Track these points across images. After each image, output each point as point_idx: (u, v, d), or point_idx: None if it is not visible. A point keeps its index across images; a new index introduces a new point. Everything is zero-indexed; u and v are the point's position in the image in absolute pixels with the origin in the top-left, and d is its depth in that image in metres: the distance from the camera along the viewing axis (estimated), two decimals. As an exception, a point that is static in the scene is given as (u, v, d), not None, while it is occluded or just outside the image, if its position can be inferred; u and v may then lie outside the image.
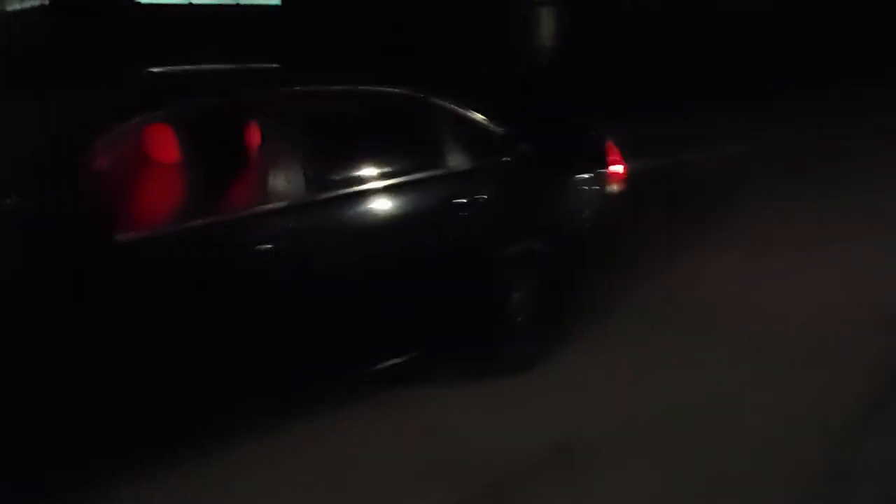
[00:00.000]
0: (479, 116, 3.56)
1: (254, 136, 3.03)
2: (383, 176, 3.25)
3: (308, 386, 3.19)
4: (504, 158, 3.61)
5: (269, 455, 3.03)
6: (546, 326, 3.78)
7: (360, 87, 3.34)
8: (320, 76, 3.32)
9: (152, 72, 3.33)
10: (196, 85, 3.19)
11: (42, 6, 7.45)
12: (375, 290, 3.18)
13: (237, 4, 9.06)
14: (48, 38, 7.11)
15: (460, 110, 3.50)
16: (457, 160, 3.44)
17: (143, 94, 3.07)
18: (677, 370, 3.72)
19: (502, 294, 3.60)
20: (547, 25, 12.47)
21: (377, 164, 3.28)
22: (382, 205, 3.22)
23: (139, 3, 8.20)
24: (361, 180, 3.20)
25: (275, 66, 3.54)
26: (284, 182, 2.98)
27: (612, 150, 4.03)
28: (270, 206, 2.94)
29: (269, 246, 2.87)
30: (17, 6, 7.73)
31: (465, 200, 3.38)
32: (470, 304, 3.48)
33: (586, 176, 3.96)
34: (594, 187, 3.98)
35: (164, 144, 3.08)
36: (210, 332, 2.81)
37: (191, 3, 8.56)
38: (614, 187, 4.01)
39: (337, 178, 3.14)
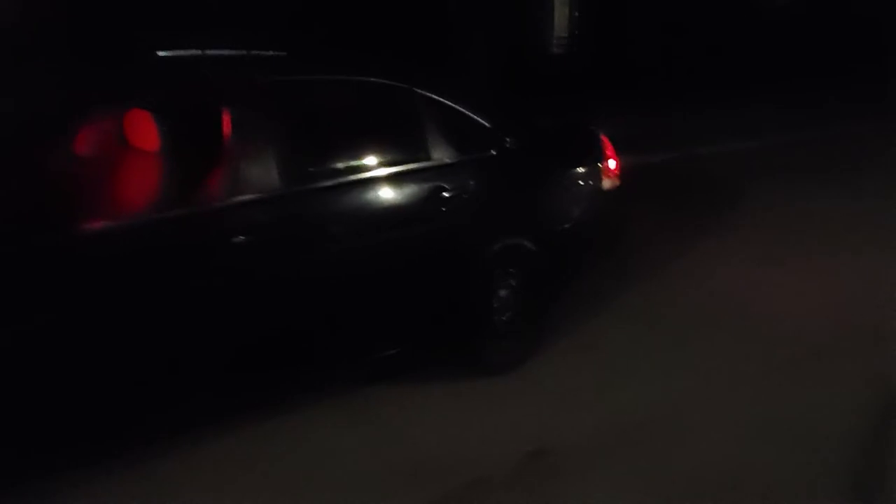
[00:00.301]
0: (465, 109, 3.47)
1: (232, 125, 2.95)
2: (365, 168, 3.18)
3: (282, 382, 3.13)
4: (491, 152, 3.52)
5: (241, 454, 2.96)
6: (533, 325, 3.70)
7: (342, 77, 3.25)
8: (301, 65, 3.24)
9: (146, 56, 3.24)
10: (176, 72, 3.12)
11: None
12: (353, 285, 3.11)
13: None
14: (56, 19, 7.05)
15: (447, 102, 3.41)
16: (442, 153, 3.35)
17: (119, 80, 3.00)
18: (666, 373, 3.62)
19: (487, 291, 3.52)
20: (561, 15, 12.30)
21: (359, 155, 3.19)
22: (363, 197, 3.14)
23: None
24: (343, 172, 3.12)
25: (261, 53, 3.45)
26: (262, 173, 2.89)
27: (607, 145, 3.93)
28: (247, 196, 2.86)
29: (244, 238, 2.80)
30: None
31: (449, 194, 3.29)
32: (453, 301, 3.41)
33: (578, 171, 3.87)
34: (587, 183, 3.89)
35: (140, 132, 3.03)
36: (182, 326, 2.76)
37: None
38: (608, 183, 3.91)
39: (317, 169, 3.07)
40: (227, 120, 2.92)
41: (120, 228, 2.65)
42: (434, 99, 3.38)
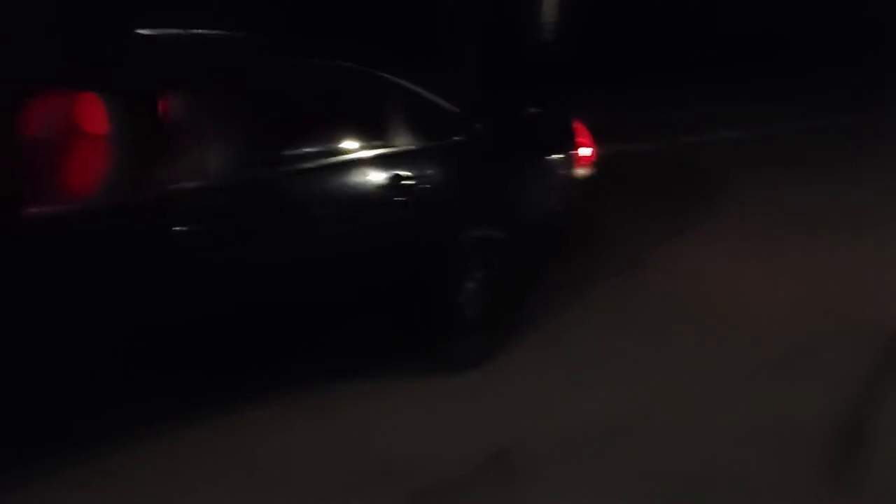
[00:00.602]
0: (430, 93, 3.31)
1: (177, 108, 2.79)
2: (321, 154, 3.01)
3: (227, 382, 3.00)
4: (457, 138, 3.37)
5: (202, 454, 2.80)
6: (502, 319, 3.55)
7: (298, 59, 3.10)
8: (253, 46, 3.09)
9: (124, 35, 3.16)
10: (126, 54, 2.97)
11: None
12: (306, 279, 2.97)
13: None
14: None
15: (410, 86, 3.25)
16: (405, 138, 3.19)
17: (68, 62, 2.87)
18: (641, 370, 3.49)
19: (453, 284, 3.37)
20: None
21: (316, 141, 3.03)
22: (318, 185, 2.99)
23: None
24: (297, 159, 2.96)
25: (213, 33, 3.30)
26: (209, 159, 2.74)
27: (581, 133, 3.78)
28: (192, 184, 2.70)
29: (188, 227, 2.65)
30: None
31: (411, 182, 3.14)
32: (416, 294, 3.26)
33: (550, 159, 3.72)
34: (559, 171, 3.74)
35: (84, 115, 2.87)
36: (119, 321, 2.61)
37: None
38: (582, 171, 3.77)
39: (270, 155, 2.90)
40: (171, 103, 2.76)
41: (59, 214, 2.50)
42: (396, 82, 3.22)
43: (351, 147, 3.09)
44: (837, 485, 2.83)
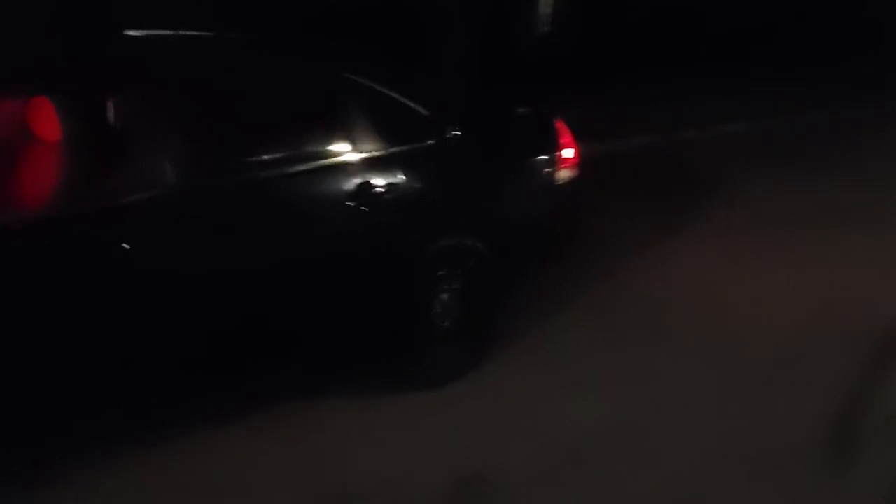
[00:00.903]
0: (399, 95, 3.12)
1: (126, 113, 2.62)
2: (282, 162, 2.84)
3: (179, 402, 2.85)
4: (429, 142, 3.18)
5: (158, 477, 2.65)
6: (480, 332, 3.38)
7: (256, 59, 2.95)
8: (208, 45, 2.93)
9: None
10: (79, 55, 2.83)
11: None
12: (265, 295, 2.80)
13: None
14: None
15: (376, 87, 3.07)
16: (372, 143, 3.01)
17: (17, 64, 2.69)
18: (622, 382, 3.33)
19: (427, 296, 3.20)
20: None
21: (276, 148, 2.86)
22: (278, 195, 2.82)
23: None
24: (256, 167, 2.80)
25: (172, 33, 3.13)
26: (159, 169, 2.57)
27: (563, 132, 3.60)
28: (139, 196, 2.53)
29: (131, 244, 2.48)
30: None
31: (378, 190, 2.96)
32: (387, 308, 3.10)
33: (529, 161, 3.54)
34: (540, 174, 3.55)
35: (39, 119, 2.70)
36: (58, 343, 2.46)
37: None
38: (565, 173, 3.58)
39: (227, 164, 2.74)
40: (115, 108, 2.59)
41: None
42: (362, 83, 3.04)
43: (314, 153, 2.92)
44: (836, 486, 2.74)
